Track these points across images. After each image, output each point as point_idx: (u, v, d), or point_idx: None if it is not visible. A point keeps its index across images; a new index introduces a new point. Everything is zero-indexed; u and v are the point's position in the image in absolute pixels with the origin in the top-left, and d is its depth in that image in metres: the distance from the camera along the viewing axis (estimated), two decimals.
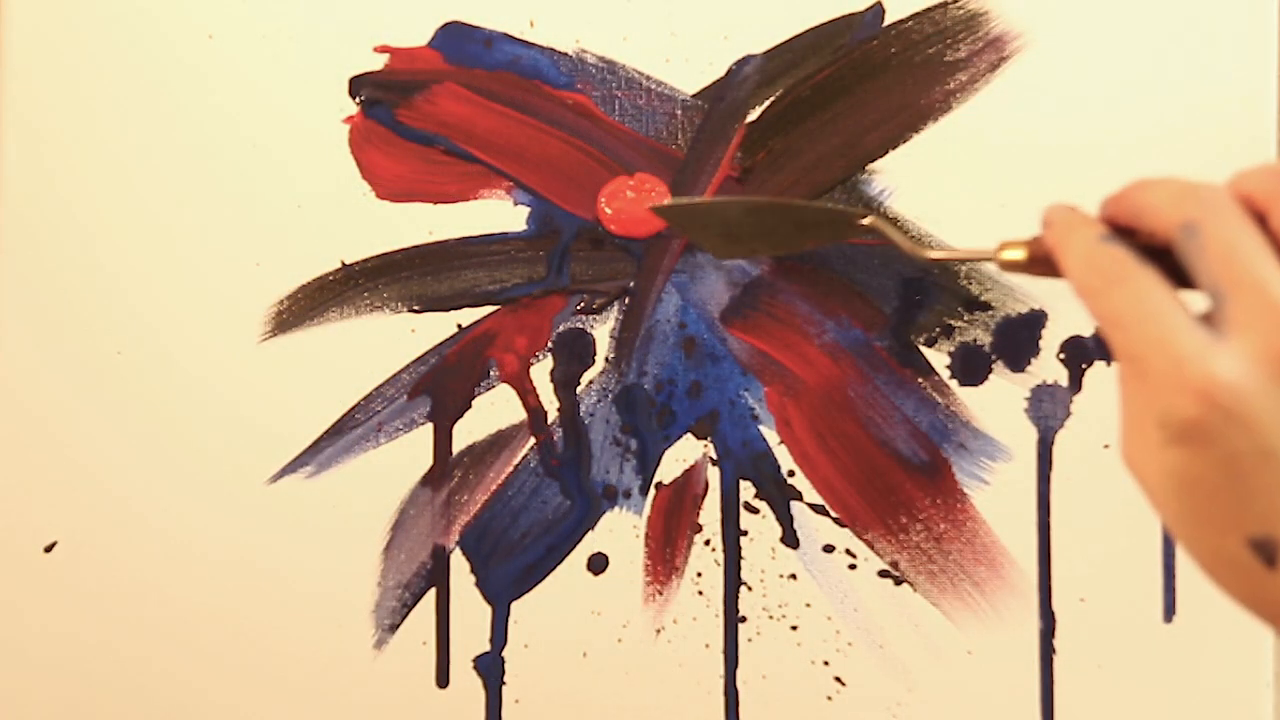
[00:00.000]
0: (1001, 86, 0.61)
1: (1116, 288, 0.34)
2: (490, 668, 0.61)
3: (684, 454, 0.61)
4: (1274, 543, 0.33)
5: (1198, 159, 0.60)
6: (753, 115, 0.61)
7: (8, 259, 0.61)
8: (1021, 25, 0.61)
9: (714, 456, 0.61)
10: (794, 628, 0.61)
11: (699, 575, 0.61)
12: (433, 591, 0.61)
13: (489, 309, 0.61)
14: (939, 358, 0.61)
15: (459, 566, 0.61)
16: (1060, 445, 0.60)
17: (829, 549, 0.61)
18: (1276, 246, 0.34)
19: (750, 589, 0.61)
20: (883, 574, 0.61)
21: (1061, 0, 0.61)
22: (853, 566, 0.61)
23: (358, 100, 0.61)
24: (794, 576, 0.61)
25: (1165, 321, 0.33)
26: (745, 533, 0.61)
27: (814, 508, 0.61)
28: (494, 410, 0.61)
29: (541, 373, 0.61)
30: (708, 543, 0.61)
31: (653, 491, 0.61)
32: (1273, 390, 0.32)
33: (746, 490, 0.61)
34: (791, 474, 0.61)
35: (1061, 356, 0.61)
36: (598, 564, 0.61)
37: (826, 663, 0.61)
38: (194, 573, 0.61)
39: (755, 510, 0.61)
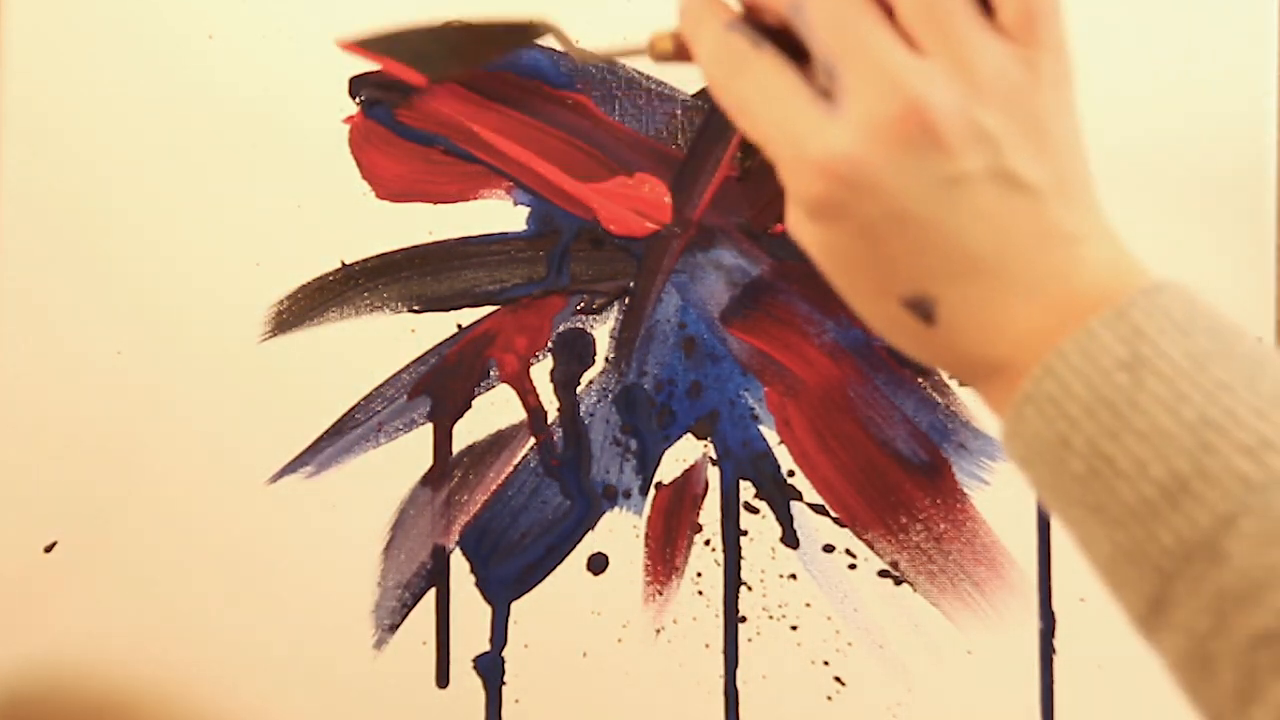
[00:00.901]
0: None
1: (738, 76, 0.34)
2: (490, 668, 0.61)
3: (684, 454, 0.61)
4: (927, 300, 0.33)
5: (1198, 159, 0.60)
6: None
7: (8, 259, 0.61)
8: None
9: (714, 456, 0.61)
10: (794, 628, 0.61)
11: (699, 575, 0.61)
12: (433, 591, 0.61)
13: (489, 309, 0.61)
14: None
15: (459, 566, 0.61)
16: None
17: (829, 549, 0.61)
18: (886, 12, 0.33)
19: (750, 589, 0.61)
20: (883, 574, 0.61)
21: (1061, 1, 0.60)
22: (853, 566, 0.61)
23: (358, 100, 0.61)
24: (794, 576, 0.61)
25: (784, 104, 0.33)
26: (745, 533, 0.61)
27: (814, 508, 0.61)
28: (494, 410, 0.61)
29: (541, 373, 0.61)
30: (708, 543, 0.61)
31: (653, 491, 0.61)
32: (891, 154, 0.31)
33: (746, 490, 0.61)
34: (791, 474, 0.61)
35: None
36: (598, 564, 0.61)
37: (826, 663, 0.61)
38: (194, 573, 0.61)
39: (755, 510, 0.61)
